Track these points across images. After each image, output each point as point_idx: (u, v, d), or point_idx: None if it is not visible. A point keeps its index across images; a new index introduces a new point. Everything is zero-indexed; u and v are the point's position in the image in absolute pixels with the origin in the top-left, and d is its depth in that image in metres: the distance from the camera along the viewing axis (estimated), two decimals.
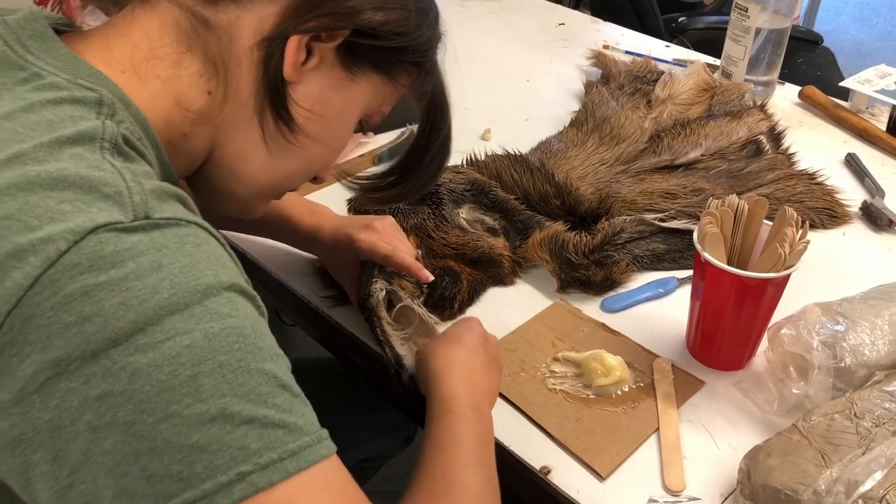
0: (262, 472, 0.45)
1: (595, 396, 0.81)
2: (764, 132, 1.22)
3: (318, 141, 0.65)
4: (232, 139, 0.63)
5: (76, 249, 0.44)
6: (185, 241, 0.48)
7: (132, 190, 0.48)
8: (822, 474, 0.65)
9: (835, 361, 0.77)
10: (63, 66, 0.54)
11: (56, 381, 0.44)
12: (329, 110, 0.64)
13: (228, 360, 0.46)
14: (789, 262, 0.76)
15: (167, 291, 0.45)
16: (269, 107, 0.61)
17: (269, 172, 0.66)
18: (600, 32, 1.63)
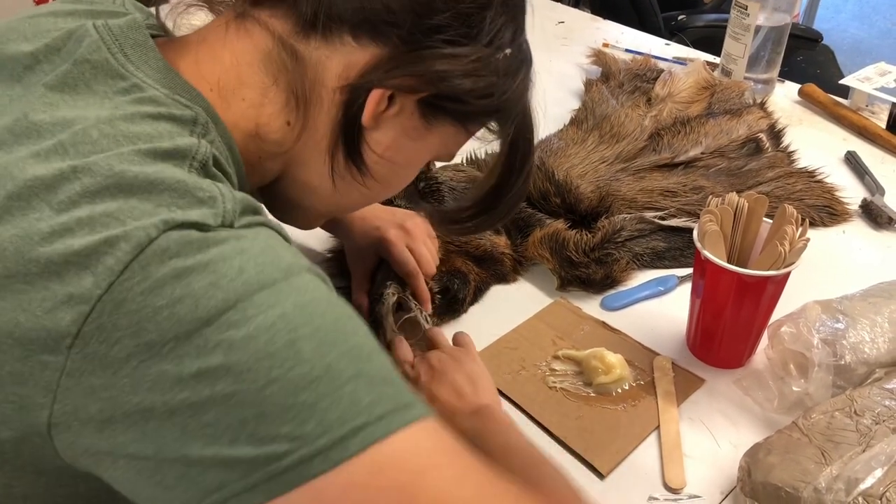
0: (377, 423, 0.45)
1: (595, 394, 0.81)
2: (764, 130, 1.22)
3: (384, 182, 0.66)
4: (301, 170, 0.64)
5: (165, 237, 0.45)
6: (260, 234, 0.49)
7: (226, 197, 0.49)
8: (822, 472, 0.65)
9: (835, 359, 0.77)
10: (161, 79, 0.55)
11: (148, 364, 0.44)
12: (400, 156, 0.64)
13: (323, 323, 0.47)
14: (789, 260, 0.76)
15: (253, 270, 0.46)
16: (343, 148, 0.62)
17: (332, 203, 0.68)
18: (600, 31, 1.63)
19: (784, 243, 0.76)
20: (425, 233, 0.90)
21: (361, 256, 0.90)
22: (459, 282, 0.89)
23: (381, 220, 0.89)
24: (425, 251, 0.88)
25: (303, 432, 0.44)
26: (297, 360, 0.45)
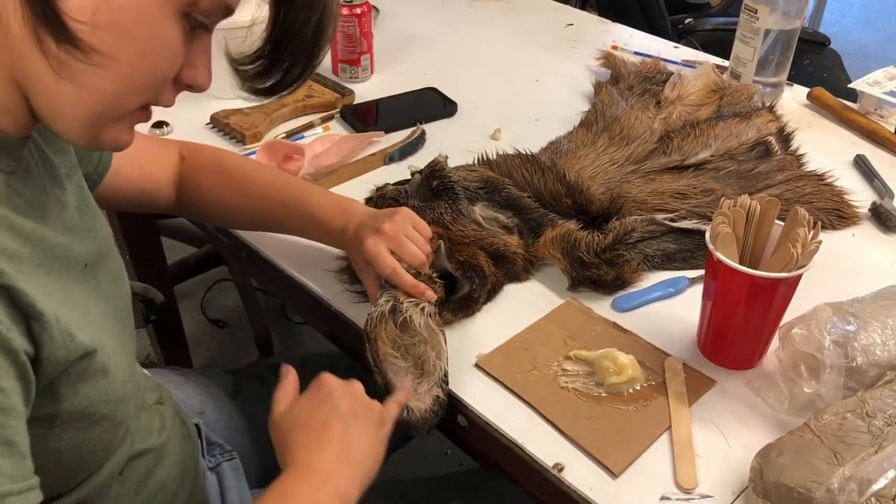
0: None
1: (607, 394, 0.81)
2: (773, 133, 1.23)
3: (121, 53, 0.55)
4: (27, 76, 0.56)
5: None
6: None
7: None
8: (834, 472, 0.66)
9: (846, 361, 0.77)
10: None
11: None
12: (117, 15, 0.54)
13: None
14: (801, 262, 0.76)
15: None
16: (45, 31, 0.53)
17: (84, 100, 0.57)
18: (608, 33, 1.64)
19: (796, 245, 0.76)
20: (407, 222, 0.87)
21: (361, 268, 0.90)
22: (478, 280, 0.89)
23: (365, 228, 0.87)
24: (408, 246, 0.85)
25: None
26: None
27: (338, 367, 1.13)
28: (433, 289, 0.85)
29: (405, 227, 0.87)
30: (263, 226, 1.00)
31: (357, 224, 0.89)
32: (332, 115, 1.29)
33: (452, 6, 1.75)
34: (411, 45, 1.55)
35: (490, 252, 0.93)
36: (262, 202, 0.94)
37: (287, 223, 0.95)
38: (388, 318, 0.82)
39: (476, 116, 1.31)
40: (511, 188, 1.02)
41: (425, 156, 1.17)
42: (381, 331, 0.81)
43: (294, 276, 0.98)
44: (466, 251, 0.92)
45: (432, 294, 0.85)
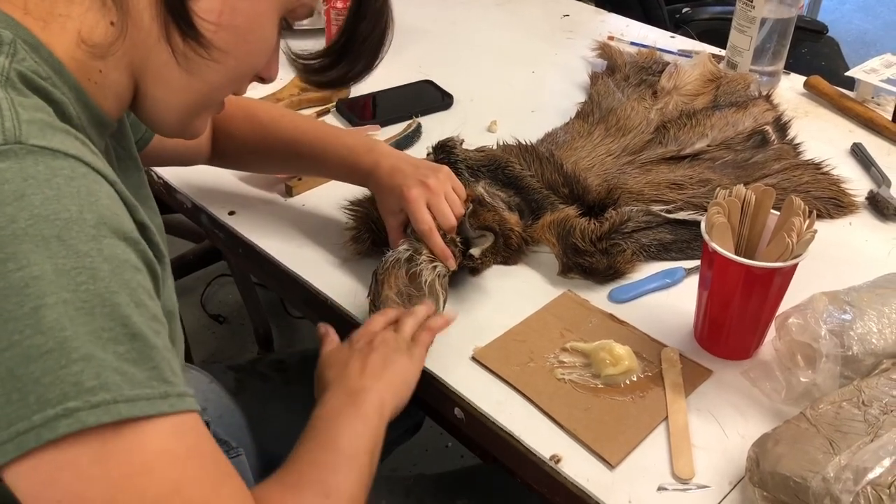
0: (89, 410, 0.45)
1: (604, 386, 0.81)
2: (769, 122, 1.22)
3: (235, 51, 0.63)
4: (147, 66, 0.62)
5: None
6: (56, 173, 0.48)
7: (4, 116, 0.48)
8: (830, 461, 0.66)
9: (842, 350, 0.77)
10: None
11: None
12: (237, 18, 0.61)
13: (72, 297, 0.46)
14: (797, 252, 0.76)
15: (24, 221, 0.46)
16: (174, 26, 0.59)
17: (193, 90, 0.64)
18: (605, 23, 1.63)
19: (792, 235, 0.76)
20: (447, 185, 0.91)
21: (392, 212, 0.92)
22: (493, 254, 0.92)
23: (405, 176, 0.90)
24: (445, 206, 0.88)
25: (24, 404, 0.44)
26: (36, 328, 0.45)
27: None
28: (455, 256, 0.87)
29: (446, 186, 0.90)
30: (292, 167, 1.03)
31: (391, 167, 0.91)
32: (328, 110, 1.29)
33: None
34: (407, 37, 1.55)
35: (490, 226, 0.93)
36: (291, 144, 0.97)
37: (314, 163, 0.98)
38: (402, 265, 0.85)
39: (472, 108, 1.31)
40: (514, 166, 1.02)
41: (421, 149, 1.17)
42: (391, 276, 0.84)
43: (291, 270, 0.98)
44: (486, 216, 0.93)
45: (453, 263, 0.87)
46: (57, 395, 0.45)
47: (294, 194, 1.09)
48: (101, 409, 0.45)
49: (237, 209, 1.07)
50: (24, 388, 0.44)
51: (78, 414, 0.45)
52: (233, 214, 1.06)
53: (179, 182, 1.10)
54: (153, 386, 0.48)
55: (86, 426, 0.45)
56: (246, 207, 1.07)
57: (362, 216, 0.99)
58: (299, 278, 0.97)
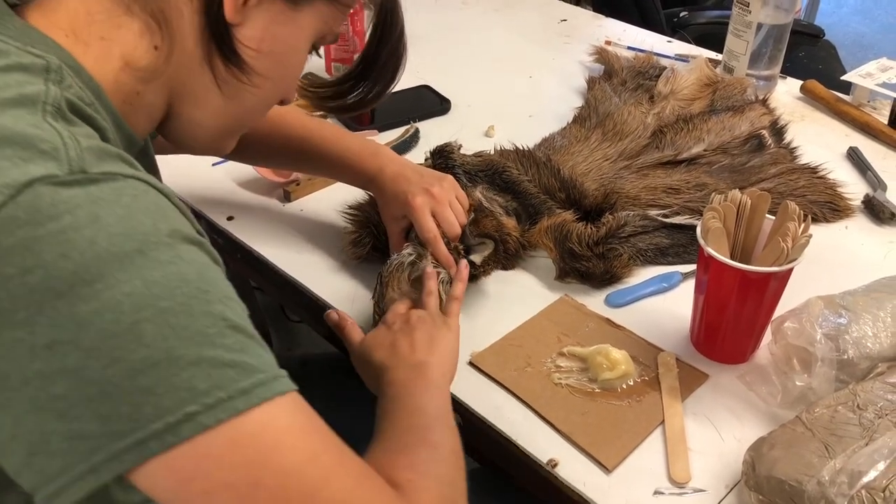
0: (208, 411, 0.47)
1: (600, 390, 0.82)
2: (766, 127, 1.23)
3: (272, 76, 0.66)
4: (186, 89, 0.64)
5: (13, 204, 0.45)
6: (121, 193, 0.49)
7: (68, 146, 0.49)
8: (825, 465, 0.66)
9: (838, 354, 0.77)
10: (17, 34, 0.56)
11: (2, 330, 0.45)
12: (277, 45, 0.64)
13: (170, 305, 0.47)
14: (792, 256, 0.77)
15: (105, 242, 0.47)
16: (217, 53, 0.62)
17: (228, 114, 0.67)
18: (602, 28, 1.64)
19: (787, 240, 0.76)
20: (451, 194, 0.92)
21: (394, 218, 0.93)
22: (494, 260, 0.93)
23: (410, 183, 0.91)
24: (450, 215, 0.90)
25: (140, 415, 0.46)
26: (138, 343, 0.46)
27: (339, 370, 1.14)
28: (457, 263, 0.88)
29: (450, 195, 0.91)
30: (295, 164, 1.04)
31: (396, 173, 0.93)
32: (326, 116, 1.29)
33: (446, 3, 1.75)
34: None
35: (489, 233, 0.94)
36: (296, 140, 0.98)
37: (317, 162, 0.99)
38: (406, 269, 0.86)
39: (470, 114, 1.31)
40: (512, 171, 1.02)
41: (419, 154, 1.18)
42: (395, 278, 0.85)
43: (289, 276, 0.98)
44: (485, 222, 0.94)
45: (462, 271, 0.88)
46: (174, 402, 0.46)
47: (292, 199, 1.09)
48: (219, 409, 0.47)
49: (236, 214, 1.07)
50: (135, 400, 0.46)
51: (198, 417, 0.46)
52: (231, 220, 1.06)
53: (178, 188, 1.10)
54: (265, 370, 0.50)
55: (208, 427, 0.47)
56: (244, 213, 1.08)
57: (362, 220, 0.99)
58: (298, 284, 0.98)
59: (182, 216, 0.53)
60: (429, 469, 0.63)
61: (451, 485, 0.64)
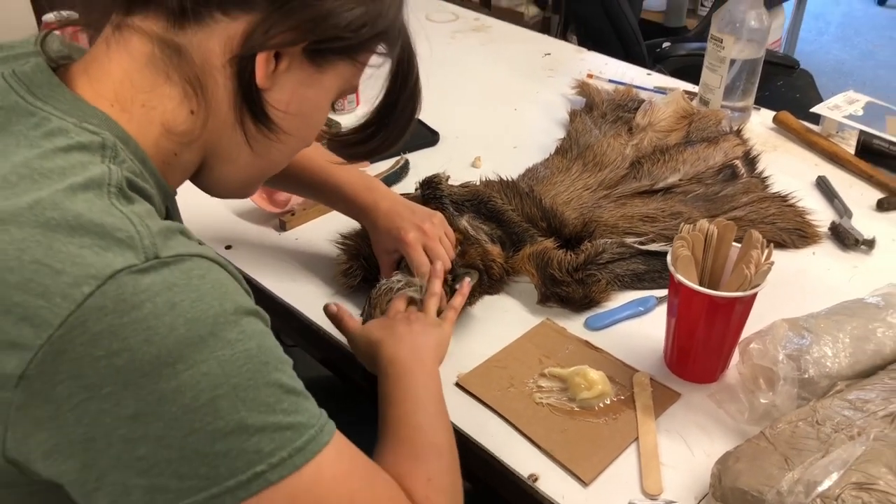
0: (273, 469, 0.55)
1: (579, 409, 0.87)
2: (739, 157, 1.29)
3: (298, 133, 0.71)
4: (218, 147, 0.69)
5: (100, 293, 0.51)
6: (191, 275, 0.55)
7: (142, 234, 0.54)
8: (784, 476, 0.71)
9: (799, 373, 0.83)
10: (69, 109, 0.60)
11: (89, 402, 0.51)
12: (304, 106, 0.69)
13: (239, 381, 0.54)
14: (755, 282, 0.82)
15: (183, 328, 0.53)
16: (249, 115, 0.67)
17: (256, 167, 0.73)
18: (584, 62, 1.71)
19: (750, 266, 0.82)
20: (441, 231, 0.98)
21: (386, 251, 0.99)
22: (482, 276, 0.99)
23: (403, 219, 0.97)
24: (440, 249, 0.96)
25: (216, 474, 0.53)
26: (215, 416, 0.53)
27: (332, 392, 1.18)
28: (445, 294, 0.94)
29: (440, 232, 0.98)
30: (294, 188, 1.09)
31: (389, 209, 0.99)
32: None
33: (435, 38, 1.81)
34: None
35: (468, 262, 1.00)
36: (297, 168, 1.03)
37: (314, 189, 1.05)
38: (394, 294, 0.92)
39: (457, 145, 1.37)
40: (496, 200, 1.08)
41: (409, 184, 1.23)
42: (383, 301, 0.92)
43: (285, 302, 1.03)
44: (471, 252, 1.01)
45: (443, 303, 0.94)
46: (245, 463, 0.54)
47: (287, 229, 1.15)
48: (282, 467, 0.55)
49: (234, 243, 1.12)
50: (212, 462, 0.53)
51: (265, 475, 0.55)
52: (229, 248, 1.12)
53: None
54: (313, 424, 0.58)
55: (272, 483, 0.55)
56: (242, 241, 1.13)
57: (354, 252, 1.04)
58: (293, 309, 1.03)
59: (239, 287, 0.59)
60: (443, 482, 0.71)
61: (459, 493, 0.73)
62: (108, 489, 0.53)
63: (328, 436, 0.59)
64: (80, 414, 0.52)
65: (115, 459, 0.53)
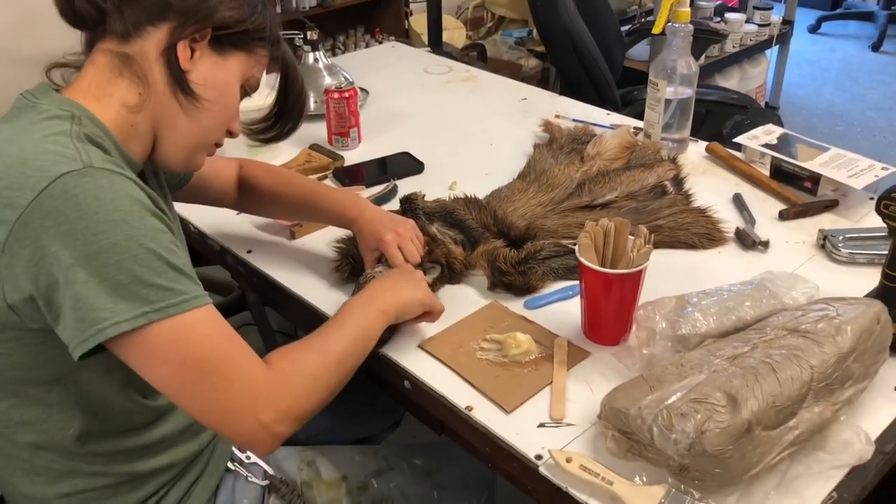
0: (155, 312, 0.85)
1: (510, 362, 1.13)
2: (670, 179, 1.56)
3: (217, 101, 1.01)
4: (163, 116, 0.99)
5: (51, 187, 0.83)
6: (113, 182, 0.86)
7: (83, 155, 0.86)
8: (646, 397, 0.97)
9: (673, 331, 1.08)
10: (56, 102, 0.94)
11: (44, 258, 0.84)
12: (216, 81, 1.00)
13: (138, 252, 0.85)
14: (637, 262, 1.09)
15: (103, 212, 0.84)
16: (179, 90, 0.97)
17: (193, 132, 1.02)
18: (555, 105, 2.00)
19: (632, 251, 1.09)
20: (412, 234, 1.26)
21: (370, 249, 1.27)
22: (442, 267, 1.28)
23: (383, 224, 1.25)
24: (411, 247, 1.24)
25: (117, 309, 0.84)
26: (118, 270, 0.84)
27: None
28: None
29: (412, 234, 1.26)
30: (296, 213, 1.40)
31: (371, 217, 1.28)
32: (326, 175, 1.65)
33: (430, 87, 2.13)
34: (394, 117, 1.93)
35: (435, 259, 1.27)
36: (298, 196, 1.35)
37: (313, 211, 1.35)
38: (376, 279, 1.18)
39: (439, 172, 1.66)
40: (459, 211, 1.36)
41: (396, 204, 1.52)
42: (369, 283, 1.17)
43: (294, 293, 1.31)
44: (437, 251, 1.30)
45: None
46: (137, 304, 0.84)
47: (296, 237, 1.44)
48: (162, 311, 0.86)
49: (253, 248, 1.42)
50: (116, 301, 0.84)
51: (148, 314, 0.85)
52: (250, 253, 1.41)
53: (209, 230, 1.46)
54: (191, 293, 0.88)
55: (153, 321, 0.85)
56: (260, 247, 1.42)
57: (344, 252, 1.33)
58: (301, 298, 1.31)
59: (147, 198, 0.89)
60: (305, 367, 0.97)
61: (318, 379, 0.97)
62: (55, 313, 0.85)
63: (203, 304, 0.88)
64: (38, 266, 0.83)
65: (61, 296, 0.83)
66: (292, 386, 0.95)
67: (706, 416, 0.90)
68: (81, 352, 0.84)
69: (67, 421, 0.98)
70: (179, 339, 0.87)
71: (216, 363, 0.89)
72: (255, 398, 0.91)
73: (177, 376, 0.88)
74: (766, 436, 0.92)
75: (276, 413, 0.92)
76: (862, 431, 0.97)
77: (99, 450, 1.02)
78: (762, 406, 0.91)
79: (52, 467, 1.01)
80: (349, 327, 1.05)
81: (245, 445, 0.94)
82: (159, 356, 0.86)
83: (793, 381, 0.94)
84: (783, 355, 0.97)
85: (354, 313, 1.07)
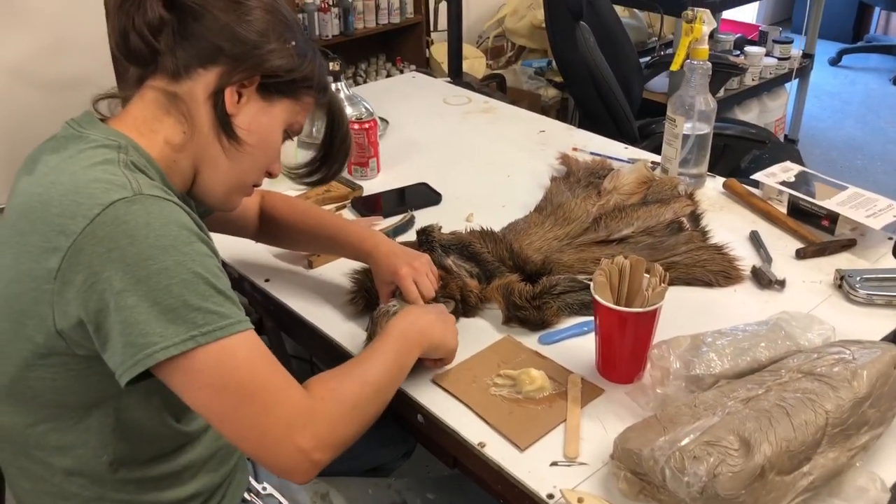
0: (203, 336, 0.86)
1: (524, 399, 1.13)
2: (686, 215, 1.56)
3: (259, 146, 1.03)
4: (205, 156, 1.01)
5: (103, 213, 0.85)
6: (163, 207, 0.89)
7: (132, 183, 0.89)
8: (659, 438, 0.97)
9: (687, 371, 1.08)
10: (103, 133, 0.96)
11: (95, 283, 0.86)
12: (260, 127, 1.02)
13: (186, 277, 0.87)
14: (652, 302, 1.09)
15: (154, 238, 0.86)
16: (223, 133, 1.00)
17: (232, 174, 1.04)
18: (573, 137, 2.01)
19: (647, 290, 1.09)
20: (427, 268, 1.27)
21: (385, 282, 1.28)
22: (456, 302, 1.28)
23: (398, 258, 1.26)
24: (426, 281, 1.25)
25: (167, 333, 0.85)
26: (168, 295, 0.86)
27: None
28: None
29: (426, 269, 1.27)
30: (314, 245, 1.42)
31: (387, 251, 1.29)
32: (345, 205, 1.67)
33: (449, 117, 2.15)
34: (413, 148, 1.95)
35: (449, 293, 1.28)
36: (315, 228, 1.37)
37: (330, 243, 1.37)
38: (390, 315, 1.19)
39: (456, 204, 1.68)
40: (475, 245, 1.37)
41: (412, 235, 1.53)
42: (382, 320, 1.19)
43: (310, 322, 1.32)
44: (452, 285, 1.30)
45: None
46: (185, 328, 0.85)
47: (314, 267, 1.45)
48: (209, 335, 0.87)
49: (271, 277, 1.43)
50: (165, 325, 0.85)
51: (196, 338, 0.86)
52: (268, 282, 1.42)
53: (228, 258, 1.48)
54: (235, 317, 0.89)
55: (201, 345, 0.86)
56: (278, 276, 1.44)
57: (360, 284, 1.34)
58: (316, 328, 1.32)
59: (194, 225, 0.91)
60: (344, 395, 0.97)
61: (357, 408, 0.98)
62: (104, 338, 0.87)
63: (246, 328, 0.90)
64: (89, 291, 0.85)
65: (111, 321, 0.85)
66: (331, 413, 0.94)
67: (719, 460, 0.90)
68: (130, 377, 0.86)
69: (102, 447, 0.99)
70: (223, 362, 0.88)
71: (256, 387, 0.90)
72: (294, 424, 0.91)
73: (218, 399, 0.89)
74: (780, 481, 0.91)
75: (315, 440, 0.91)
76: (878, 478, 0.96)
77: (129, 477, 1.02)
78: (776, 450, 0.90)
79: (81, 493, 1.02)
80: (388, 357, 1.05)
81: (282, 472, 0.93)
82: (203, 379, 0.87)
83: (807, 426, 0.93)
84: (798, 399, 0.97)
85: (393, 344, 1.08)
